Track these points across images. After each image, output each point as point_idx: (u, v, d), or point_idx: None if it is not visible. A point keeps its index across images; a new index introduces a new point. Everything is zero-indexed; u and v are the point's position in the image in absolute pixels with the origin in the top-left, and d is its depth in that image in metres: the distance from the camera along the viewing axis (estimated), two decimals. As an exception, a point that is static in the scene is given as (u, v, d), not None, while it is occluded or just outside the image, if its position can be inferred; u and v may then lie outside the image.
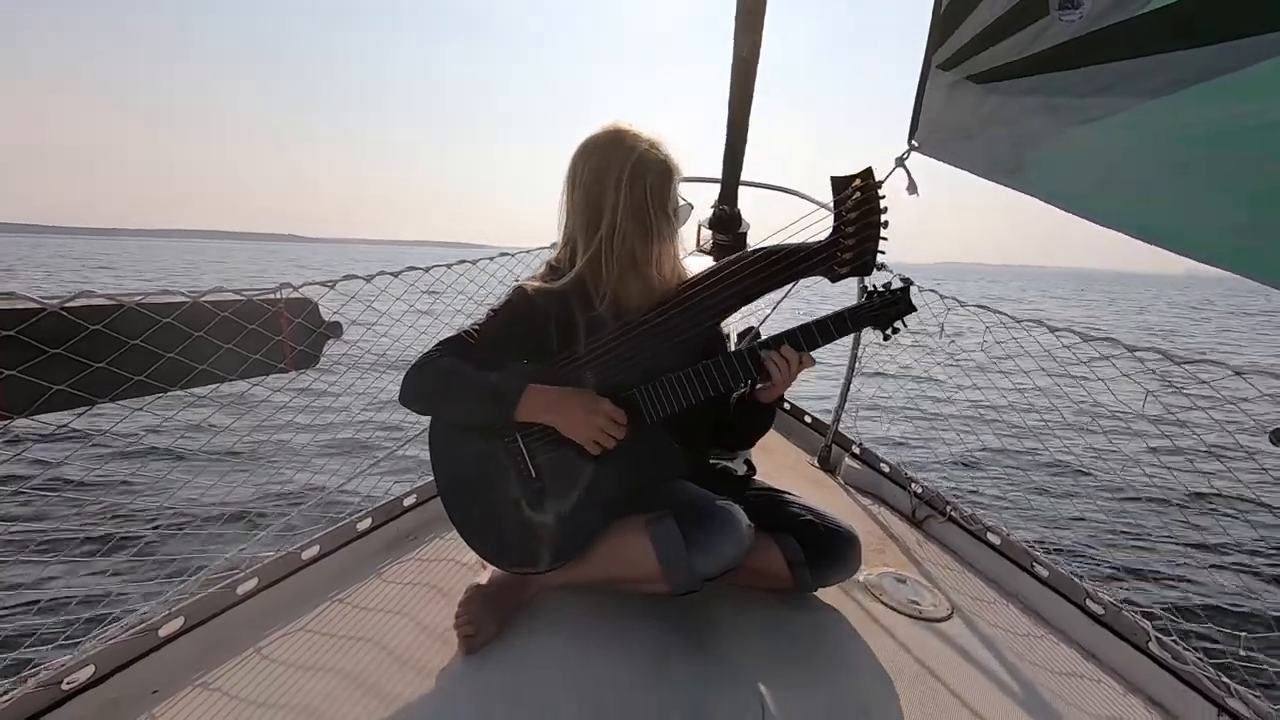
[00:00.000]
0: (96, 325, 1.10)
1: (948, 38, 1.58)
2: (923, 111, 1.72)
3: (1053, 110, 1.39)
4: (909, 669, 1.21)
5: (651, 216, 1.24)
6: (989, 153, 1.56)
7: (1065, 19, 1.30)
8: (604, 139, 1.25)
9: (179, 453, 3.71)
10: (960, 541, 1.72)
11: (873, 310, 1.20)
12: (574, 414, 1.16)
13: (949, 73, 1.61)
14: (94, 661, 1.06)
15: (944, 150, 1.71)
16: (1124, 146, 1.27)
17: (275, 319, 1.39)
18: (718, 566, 1.16)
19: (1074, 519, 3.73)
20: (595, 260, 1.25)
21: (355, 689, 1.10)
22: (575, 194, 1.26)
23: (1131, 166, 1.27)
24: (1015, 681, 1.21)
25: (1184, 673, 1.20)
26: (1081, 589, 1.41)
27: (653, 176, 1.23)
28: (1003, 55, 1.47)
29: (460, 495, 1.27)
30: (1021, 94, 1.46)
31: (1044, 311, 22.88)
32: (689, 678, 1.14)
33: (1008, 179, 1.51)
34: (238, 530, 3.36)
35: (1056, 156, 1.41)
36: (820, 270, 1.21)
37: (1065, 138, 1.38)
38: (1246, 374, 1.20)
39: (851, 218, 1.16)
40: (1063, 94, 1.36)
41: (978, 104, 1.56)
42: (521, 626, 1.24)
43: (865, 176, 1.16)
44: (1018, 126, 1.48)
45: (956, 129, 1.65)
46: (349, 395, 1.93)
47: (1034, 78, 1.41)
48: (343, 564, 1.47)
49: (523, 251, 2.21)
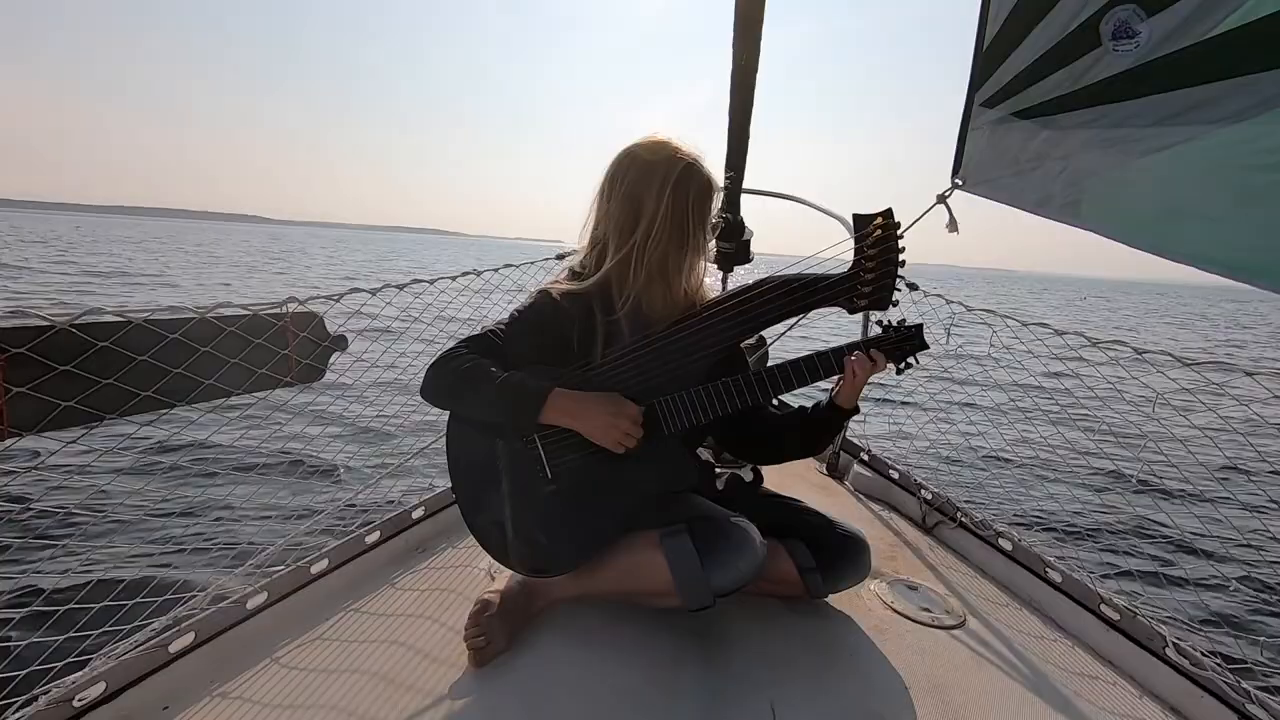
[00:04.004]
0: (104, 342, 1.11)
1: (991, 74, 1.56)
2: (966, 148, 1.70)
3: (1113, 143, 1.36)
4: (922, 677, 1.19)
5: (690, 226, 1.25)
6: (1044, 189, 1.53)
7: (1120, 49, 1.28)
8: (651, 147, 1.27)
9: (186, 469, 3.72)
10: (971, 547, 1.70)
11: (888, 344, 1.24)
12: (600, 418, 1.16)
13: (993, 110, 1.59)
14: (105, 678, 1.06)
15: (992, 187, 1.68)
16: (1194, 176, 1.23)
17: (281, 333, 1.39)
18: (732, 583, 1.15)
19: (1087, 525, 3.70)
20: (625, 263, 1.26)
21: (363, 702, 1.09)
22: (614, 197, 1.27)
23: (1202, 197, 1.23)
24: (1030, 689, 1.19)
25: (1202, 679, 1.18)
26: (1096, 594, 1.40)
27: (695, 189, 1.25)
28: (1052, 89, 1.45)
29: (476, 496, 1.27)
30: (1077, 127, 1.43)
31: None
32: (700, 688, 1.13)
33: (1064, 215, 1.48)
34: (246, 545, 3.37)
35: (1118, 189, 1.38)
36: (840, 301, 1.25)
37: (1128, 170, 1.35)
38: (1259, 375, 1.19)
39: (871, 254, 1.20)
40: (1124, 125, 1.33)
41: (1028, 139, 1.54)
42: (532, 639, 1.24)
43: (886, 216, 1.20)
44: (1074, 161, 1.45)
45: (1005, 165, 1.62)
46: (359, 405, 1.93)
47: (1090, 110, 1.39)
48: (352, 577, 1.47)
49: (528, 263, 2.22)
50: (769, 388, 1.23)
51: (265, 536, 3.47)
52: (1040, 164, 1.52)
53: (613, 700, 1.09)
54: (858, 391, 1.28)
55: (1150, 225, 1.33)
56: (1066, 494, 4.03)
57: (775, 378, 1.23)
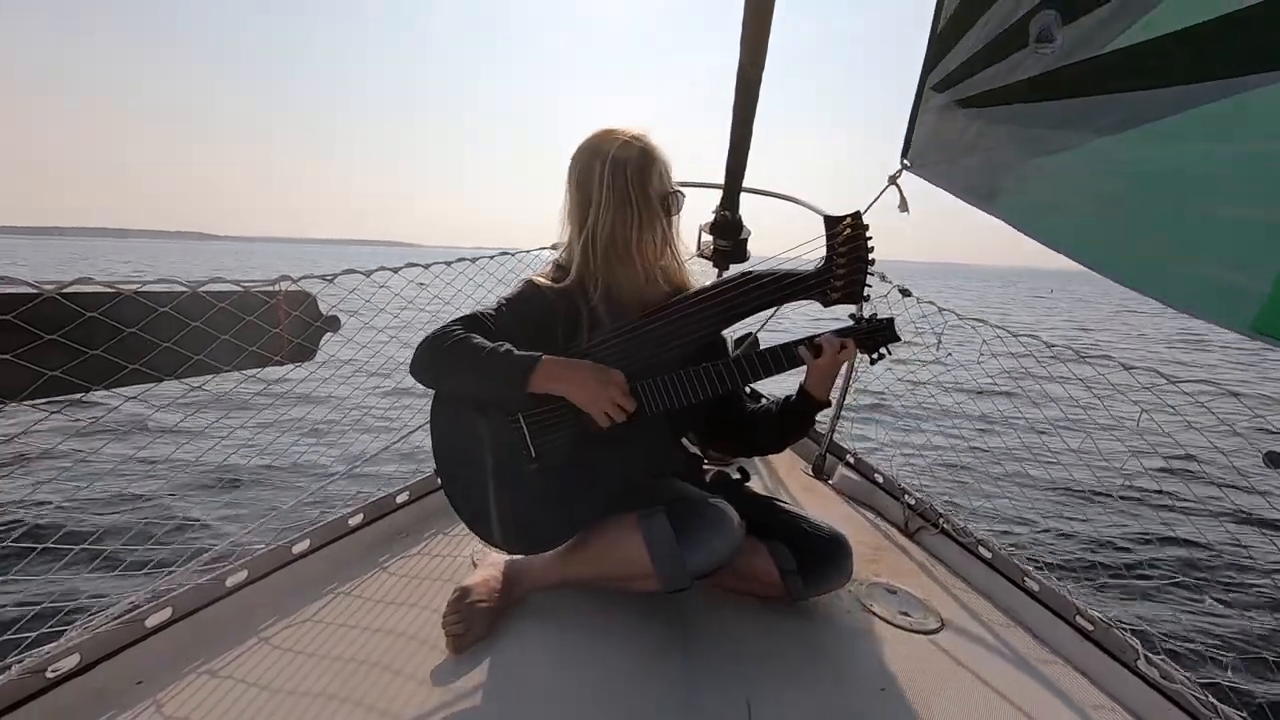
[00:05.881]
0: (93, 312, 1.10)
1: (941, 59, 1.59)
2: (915, 131, 1.74)
3: (1023, 140, 1.42)
4: (898, 681, 1.21)
5: (634, 199, 1.28)
6: (968, 178, 1.58)
7: (1041, 51, 1.32)
8: (591, 139, 1.31)
9: (170, 442, 3.69)
10: (952, 554, 1.72)
11: (859, 334, 1.29)
12: (588, 384, 1.18)
13: (941, 95, 1.63)
14: (79, 650, 1.06)
15: (932, 172, 1.73)
16: (1071, 178, 1.31)
17: (273, 311, 1.38)
18: (709, 562, 1.16)
19: (1067, 534, 3.74)
20: (585, 251, 1.30)
21: (341, 685, 1.09)
22: (569, 189, 1.33)
23: (1080, 199, 1.32)
24: (1003, 696, 1.20)
25: (1171, 691, 1.20)
26: (1072, 605, 1.41)
27: (632, 164, 1.27)
28: (986, 82, 1.49)
29: (460, 477, 1.27)
30: (999, 122, 1.48)
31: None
32: (678, 681, 1.13)
33: (983, 204, 1.53)
34: (226, 522, 3.35)
35: (1024, 186, 1.44)
36: (814, 295, 1.30)
37: (1030, 167, 1.41)
38: (1242, 396, 1.21)
39: (843, 251, 1.26)
40: (1034, 125, 1.39)
41: (964, 129, 1.58)
42: (511, 626, 1.24)
43: (855, 218, 1.27)
44: (994, 154, 1.51)
45: (945, 150, 1.67)
46: (347, 387, 1.92)
47: (1010, 107, 1.44)
48: (333, 559, 1.46)
49: (523, 251, 2.22)
50: (748, 372, 1.26)
51: (248, 513, 3.45)
52: (970, 153, 1.58)
53: (591, 688, 1.10)
54: (828, 380, 1.32)
55: (1046, 221, 1.40)
56: (1049, 505, 4.07)
57: (754, 362, 1.26)
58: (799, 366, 1.28)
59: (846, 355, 1.28)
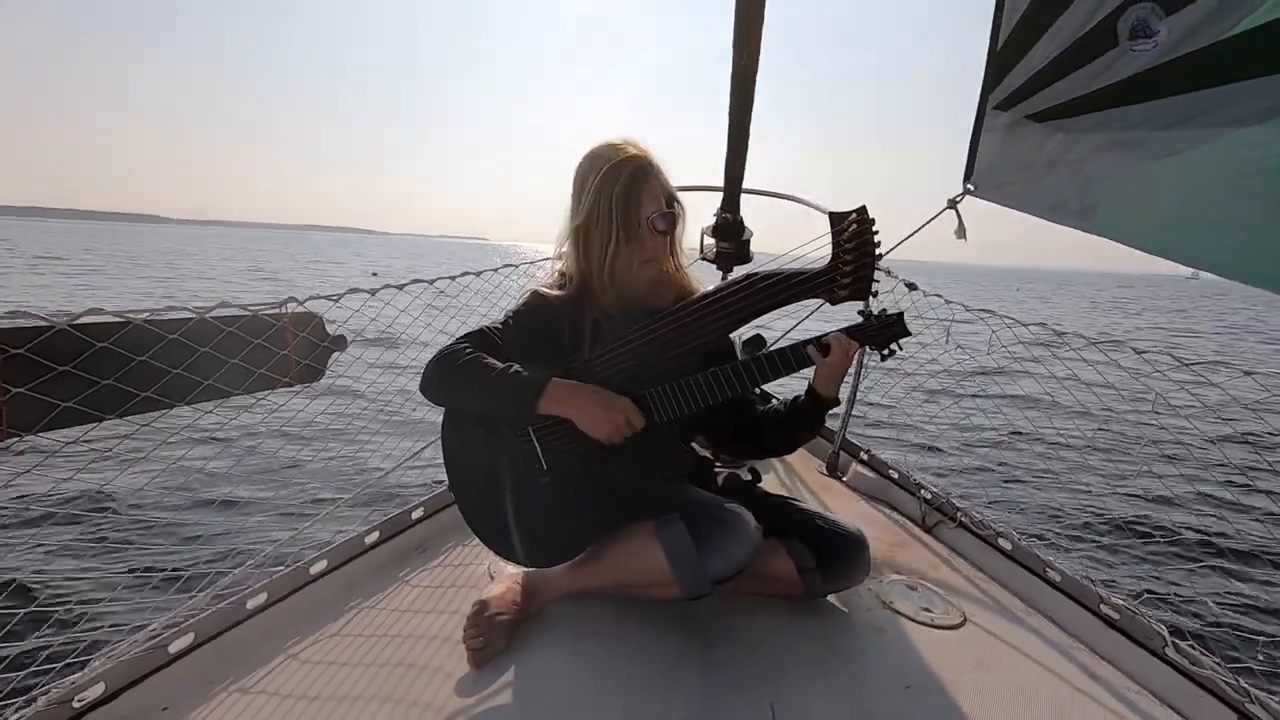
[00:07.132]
0: (104, 343, 1.11)
1: (1004, 76, 1.53)
2: (979, 153, 1.66)
3: (1127, 146, 1.33)
4: (921, 678, 1.19)
5: (614, 219, 1.27)
6: (1057, 195, 1.50)
7: (1138, 49, 1.25)
8: (593, 150, 1.31)
9: (183, 469, 3.71)
10: (971, 547, 1.70)
11: (869, 331, 1.28)
12: (594, 410, 1.18)
13: (1006, 112, 1.55)
14: (105, 678, 1.06)
15: (1004, 194, 1.64)
16: (1208, 180, 1.20)
17: (280, 333, 1.39)
18: (728, 568, 1.16)
19: (1087, 524, 3.70)
20: (585, 259, 1.31)
21: (363, 704, 1.09)
22: (572, 200, 1.33)
23: (1217, 201, 1.21)
24: (1030, 690, 1.19)
25: (1201, 678, 1.18)
26: (1095, 594, 1.40)
27: (621, 184, 1.27)
28: (1066, 91, 1.41)
29: (474, 492, 1.28)
30: (1091, 130, 1.40)
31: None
32: (699, 688, 1.13)
33: (1078, 222, 1.45)
34: (244, 546, 3.36)
35: (1133, 194, 1.35)
36: (821, 294, 1.28)
37: (1142, 174, 1.32)
38: (1257, 374, 1.19)
39: (849, 247, 1.25)
40: (1138, 128, 1.30)
41: (1042, 144, 1.50)
42: (530, 638, 1.24)
43: (860, 213, 1.25)
44: (1088, 166, 1.42)
45: (1018, 171, 1.57)
46: (357, 405, 1.93)
47: (1104, 113, 1.36)
48: (351, 577, 1.47)
49: (526, 263, 2.22)
50: (756, 375, 1.25)
51: (265, 537, 3.47)
52: (1054, 169, 1.50)
53: (611, 699, 1.09)
54: (837, 379, 1.30)
55: (1165, 229, 1.31)
56: (1066, 494, 4.03)
57: (763, 364, 1.25)
58: (808, 367, 1.27)
59: (854, 349, 1.27)
